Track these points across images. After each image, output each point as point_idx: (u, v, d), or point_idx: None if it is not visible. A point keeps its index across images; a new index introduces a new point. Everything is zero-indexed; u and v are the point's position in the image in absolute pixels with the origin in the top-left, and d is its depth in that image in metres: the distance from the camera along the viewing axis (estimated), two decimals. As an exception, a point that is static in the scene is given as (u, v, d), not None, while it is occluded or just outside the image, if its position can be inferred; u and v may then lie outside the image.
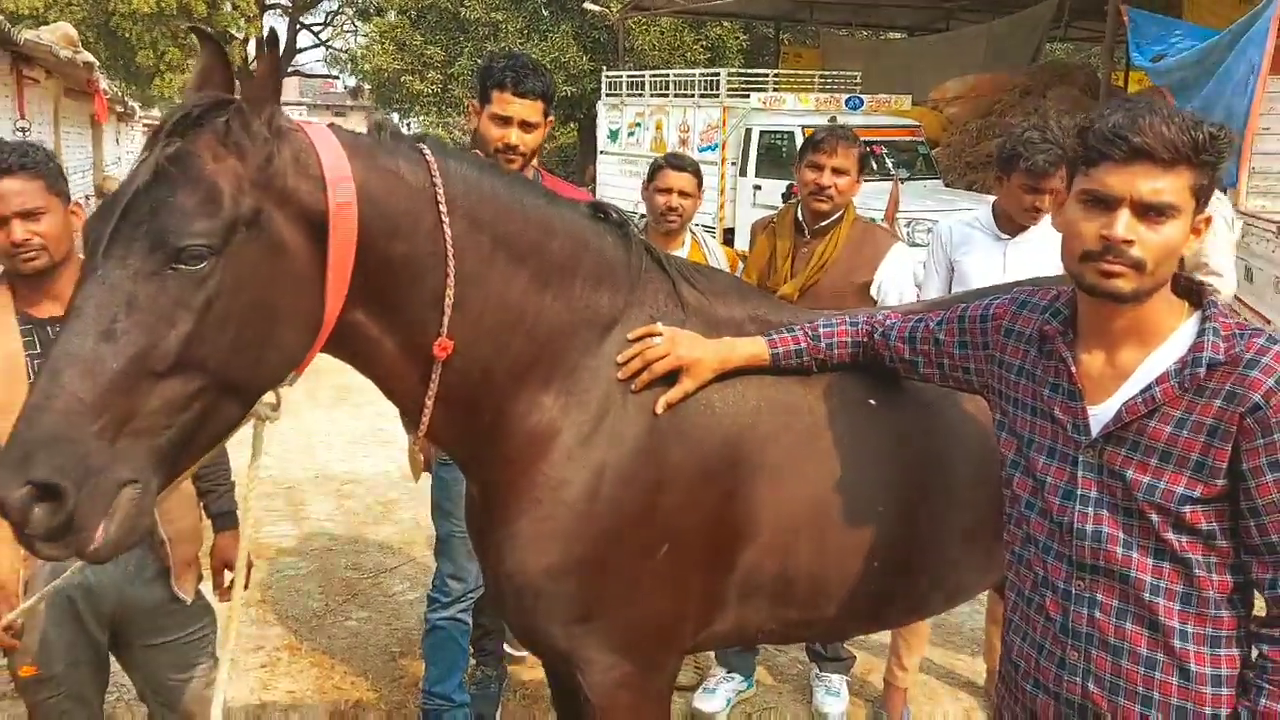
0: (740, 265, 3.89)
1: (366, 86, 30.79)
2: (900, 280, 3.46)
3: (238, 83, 1.69)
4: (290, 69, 35.97)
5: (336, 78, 42.62)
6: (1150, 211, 1.52)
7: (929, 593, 2.26)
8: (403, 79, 25.18)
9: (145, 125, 25.33)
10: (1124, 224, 1.53)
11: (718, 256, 3.82)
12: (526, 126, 3.02)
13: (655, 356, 1.96)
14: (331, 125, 1.78)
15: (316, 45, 37.59)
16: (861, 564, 2.09)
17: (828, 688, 3.82)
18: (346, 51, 34.41)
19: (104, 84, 13.60)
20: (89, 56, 11.66)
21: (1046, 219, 3.88)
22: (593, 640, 1.99)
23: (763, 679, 4.03)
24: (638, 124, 16.31)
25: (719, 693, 3.80)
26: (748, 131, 13.28)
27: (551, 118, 3.19)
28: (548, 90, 3.05)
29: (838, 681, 3.83)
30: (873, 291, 3.42)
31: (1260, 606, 1.60)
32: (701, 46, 23.87)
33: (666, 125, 15.39)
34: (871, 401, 2.13)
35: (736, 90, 15.01)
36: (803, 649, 4.01)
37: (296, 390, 1.92)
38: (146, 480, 1.55)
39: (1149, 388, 1.59)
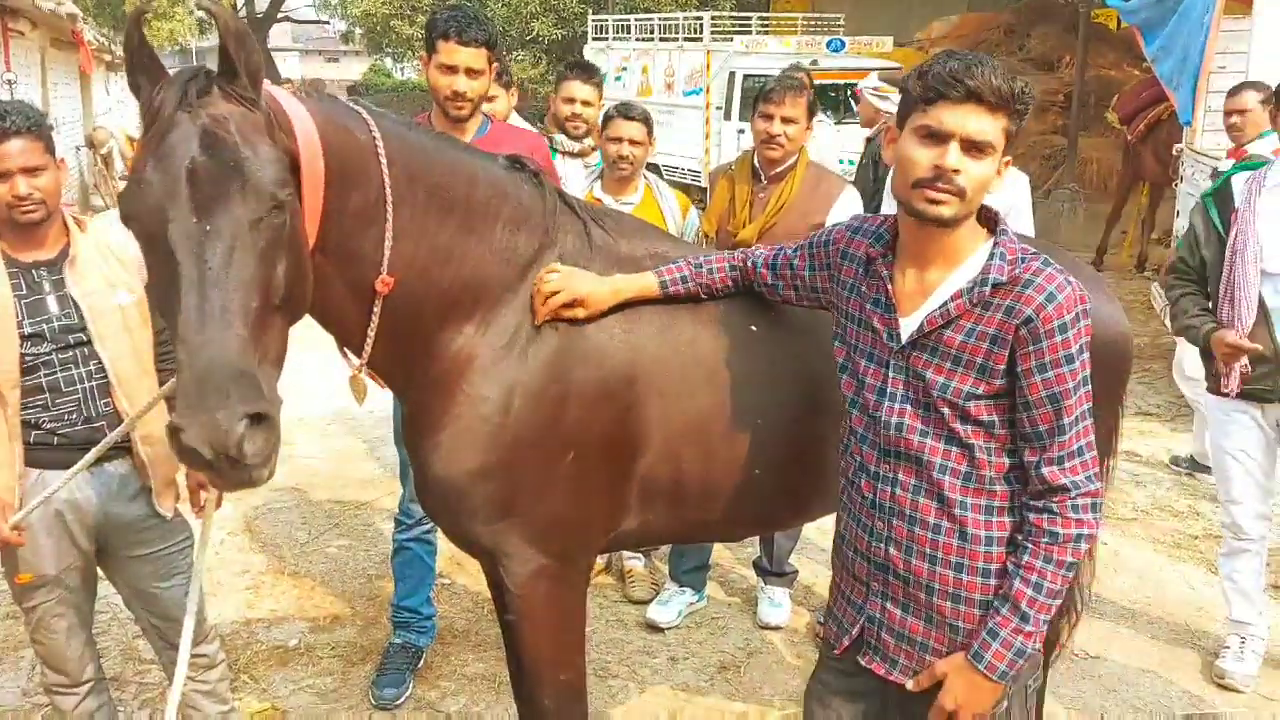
0: (692, 209, 4.11)
1: (358, 31, 30.54)
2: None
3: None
4: (280, 14, 35.66)
5: (327, 23, 42.17)
6: (974, 147, 1.79)
7: (811, 497, 2.52)
8: (392, 23, 25.04)
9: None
10: (954, 155, 1.79)
11: (670, 201, 4.03)
12: (472, 74, 3.22)
13: (550, 291, 2.20)
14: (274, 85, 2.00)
15: (306, -10, 37.16)
16: (745, 471, 2.35)
17: (771, 600, 4.12)
18: (336, -4, 34.08)
19: (90, 34, 13.63)
20: (72, 7, 11.70)
21: None
22: (512, 536, 2.26)
23: (713, 593, 4.33)
24: (624, 68, 16.32)
25: (672, 604, 4.11)
26: (731, 75, 13.33)
27: (498, 64, 3.39)
28: (491, 38, 3.24)
29: (780, 594, 4.14)
30: None
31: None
32: (694, -13, 23.69)
33: (652, 69, 15.42)
34: (753, 328, 2.37)
35: (721, 34, 15.03)
36: (750, 566, 4.31)
37: (291, 331, 2.15)
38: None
39: (945, 303, 1.88)
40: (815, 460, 2.38)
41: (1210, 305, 3.60)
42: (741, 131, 12.81)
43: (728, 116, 13.21)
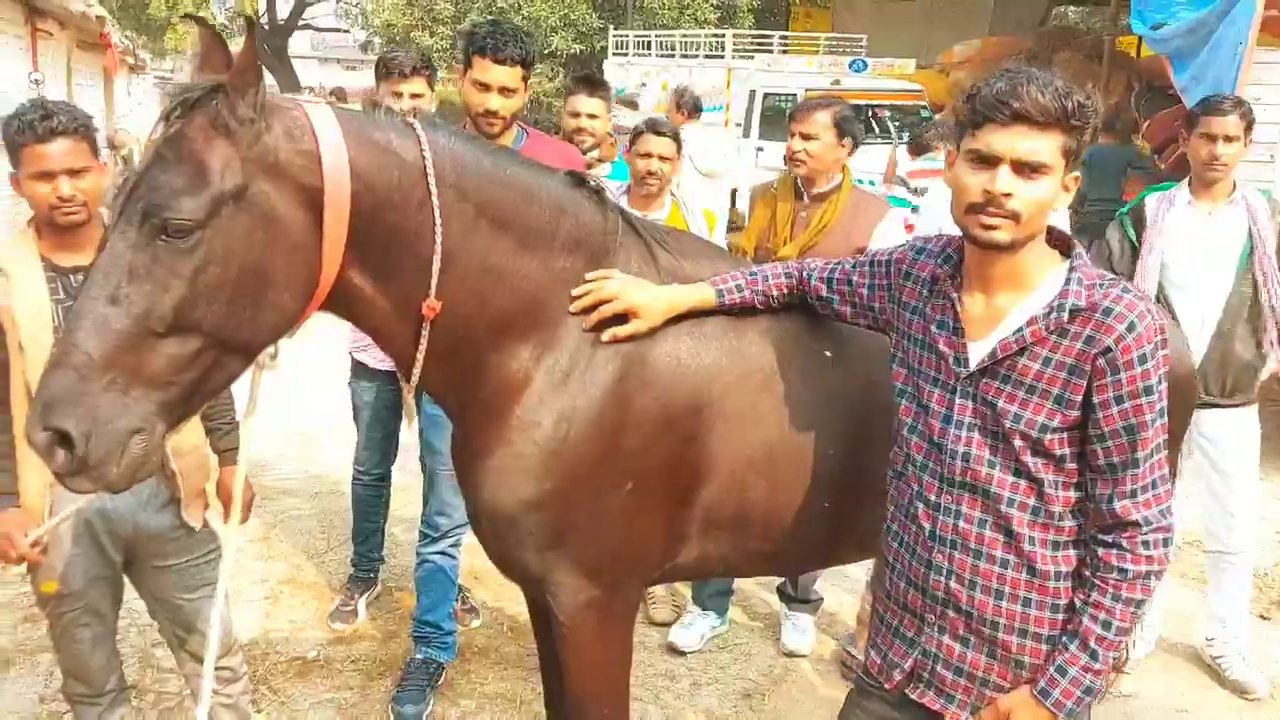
0: (718, 224, 4.09)
1: (377, 41, 30.69)
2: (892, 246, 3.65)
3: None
4: (301, 23, 35.84)
5: (347, 31, 42.30)
6: (1026, 169, 1.74)
7: (876, 531, 2.44)
8: (412, 34, 25.15)
9: (157, 77, 25.32)
10: (1004, 179, 1.75)
11: (697, 218, 4.01)
12: (506, 92, 3.20)
13: (607, 295, 2.13)
14: (329, 102, 1.96)
15: (327, -2, 37.26)
16: (813, 503, 2.28)
17: (795, 626, 4.06)
18: (357, 5, 34.23)
19: (115, 36, 13.70)
20: (101, 10, 11.77)
21: None
22: (562, 566, 2.19)
23: (736, 618, 4.27)
24: (644, 84, 16.33)
25: (694, 629, 4.05)
26: (751, 93, 13.33)
27: (531, 82, 3.37)
28: (527, 56, 3.22)
29: (805, 621, 4.08)
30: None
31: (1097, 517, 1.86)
32: (712, 5, 23.72)
33: (672, 85, 15.40)
34: (826, 354, 2.31)
35: (742, 52, 15.03)
36: (774, 591, 4.25)
37: (309, 337, 2.13)
38: (152, 427, 1.78)
39: (1020, 329, 1.82)
40: (882, 493, 2.30)
41: None
42: (760, 149, 12.81)
43: (747, 134, 13.19)
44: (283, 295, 1.86)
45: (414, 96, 3.53)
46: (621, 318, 2.15)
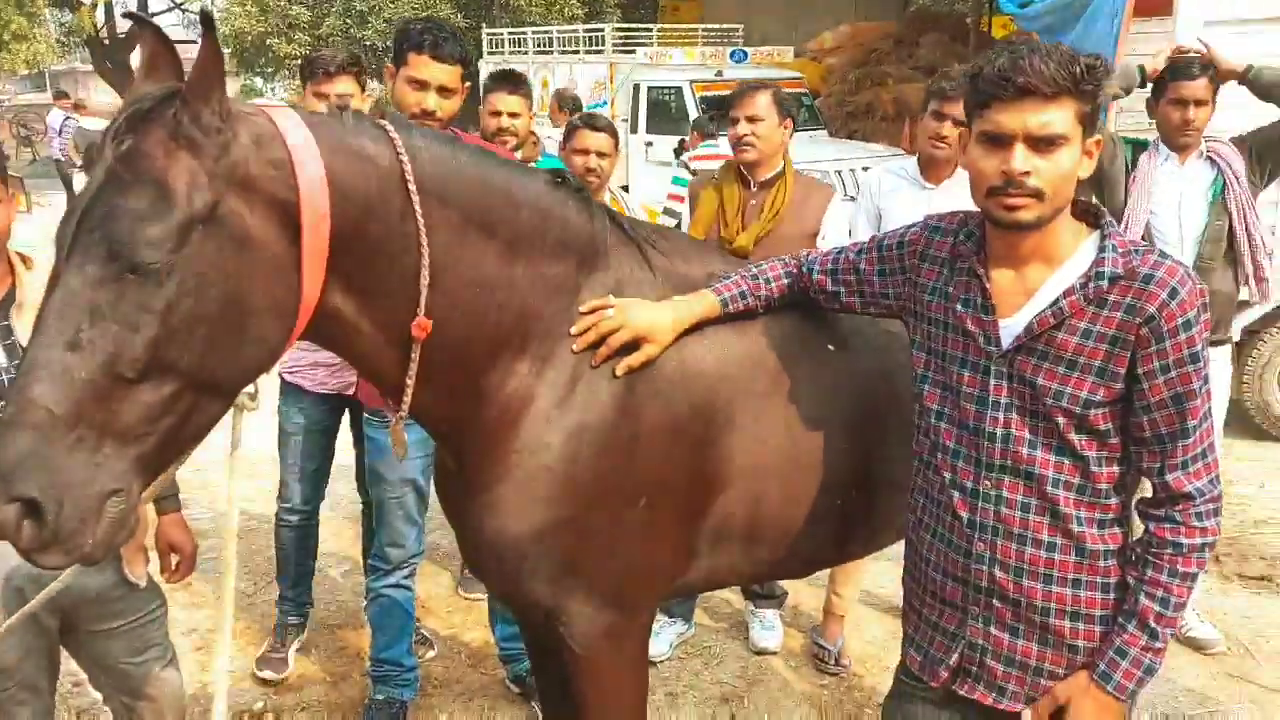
0: (659, 223, 3.97)
1: (226, 50, 29.47)
2: (841, 229, 3.65)
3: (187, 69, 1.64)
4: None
5: (194, 42, 40.59)
6: (1041, 143, 1.68)
7: (885, 527, 2.38)
8: (268, 42, 24.22)
9: (-11, 99, 23.69)
10: (1020, 158, 1.68)
11: (638, 215, 3.89)
12: (444, 92, 3.02)
13: (610, 329, 2.00)
14: (294, 105, 1.75)
15: (171, 9, 35.55)
16: (826, 503, 2.19)
17: (762, 623, 3.99)
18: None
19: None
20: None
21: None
22: (576, 594, 2.05)
23: (700, 620, 4.17)
24: (521, 82, 16.07)
25: (662, 636, 3.93)
26: (636, 87, 13.23)
27: (469, 84, 3.18)
28: (465, 55, 3.06)
29: (772, 616, 4.01)
30: (818, 241, 3.56)
31: (1146, 490, 1.83)
32: (579, 0, 23.58)
33: (553, 83, 15.22)
34: (830, 347, 2.22)
35: (621, 46, 14.94)
36: (738, 590, 4.16)
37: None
38: (129, 485, 1.56)
39: (1056, 301, 1.76)
40: (894, 487, 2.22)
41: None
42: (650, 144, 12.74)
43: (634, 129, 13.09)
44: (264, 324, 1.66)
45: (340, 97, 3.29)
46: (630, 344, 2.01)
